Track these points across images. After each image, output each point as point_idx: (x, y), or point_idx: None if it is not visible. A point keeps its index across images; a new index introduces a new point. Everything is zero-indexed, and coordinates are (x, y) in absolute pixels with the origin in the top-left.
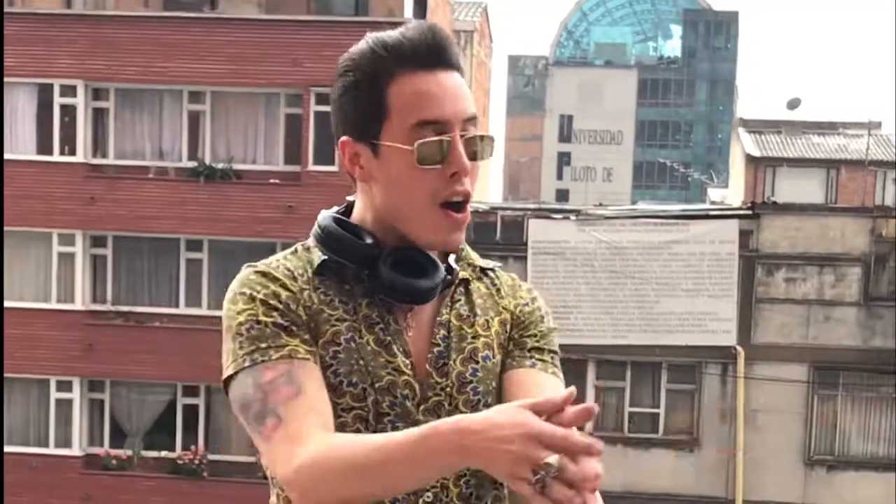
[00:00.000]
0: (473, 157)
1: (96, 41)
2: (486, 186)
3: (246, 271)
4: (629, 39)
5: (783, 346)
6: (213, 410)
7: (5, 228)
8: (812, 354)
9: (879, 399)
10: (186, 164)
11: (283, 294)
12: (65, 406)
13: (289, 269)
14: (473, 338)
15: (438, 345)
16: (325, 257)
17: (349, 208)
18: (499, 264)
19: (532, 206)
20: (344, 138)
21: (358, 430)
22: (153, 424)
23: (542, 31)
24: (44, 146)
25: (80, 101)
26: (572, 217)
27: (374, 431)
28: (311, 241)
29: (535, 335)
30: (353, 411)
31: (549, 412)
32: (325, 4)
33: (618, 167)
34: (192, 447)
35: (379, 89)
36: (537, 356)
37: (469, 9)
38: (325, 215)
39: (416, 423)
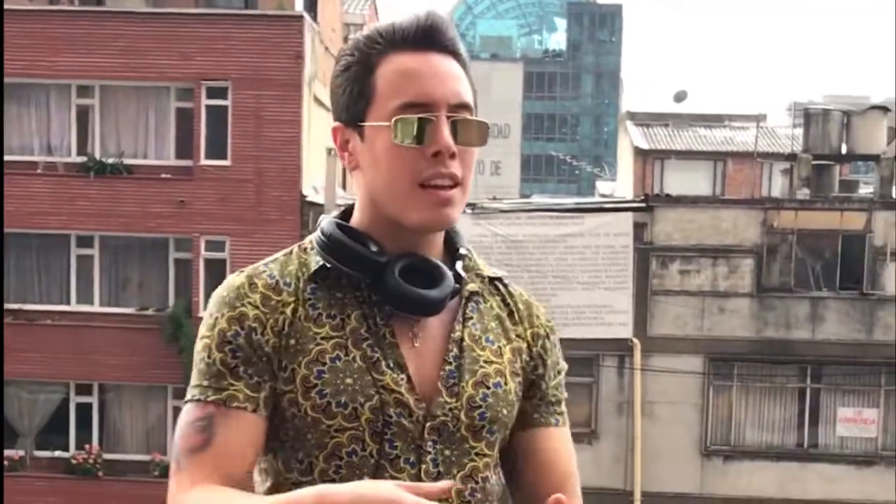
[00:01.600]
0: (464, 141)
1: None
2: None
3: (227, 281)
4: (514, 32)
5: (679, 338)
6: (107, 409)
7: None
8: (707, 346)
9: (773, 389)
10: (76, 159)
11: (251, 315)
12: None
13: (275, 278)
14: (485, 362)
15: (450, 363)
16: (322, 263)
17: (347, 212)
18: (506, 273)
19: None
20: (335, 124)
21: (355, 451)
22: (46, 424)
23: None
24: None
25: None
26: (468, 210)
27: (374, 452)
28: (309, 243)
29: (557, 386)
30: (348, 432)
31: (427, 498)
32: None
33: (506, 160)
34: (87, 446)
35: (367, 71)
36: (558, 410)
37: (358, 2)
38: (329, 221)
39: (418, 441)
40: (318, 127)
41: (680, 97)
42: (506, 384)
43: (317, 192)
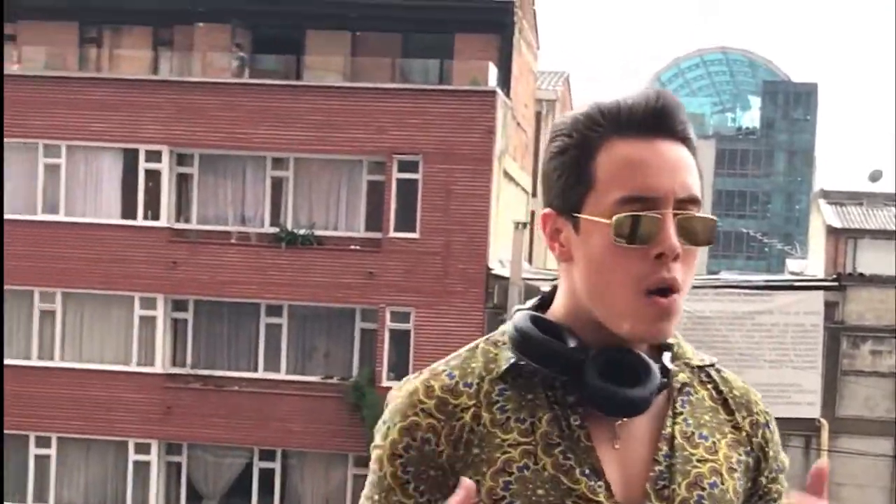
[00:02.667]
0: (689, 240)
1: (182, 107)
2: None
3: (403, 385)
4: (707, 110)
5: (869, 420)
6: (288, 475)
7: (91, 291)
8: None
9: None
10: (268, 229)
11: (424, 424)
12: (142, 468)
13: (454, 379)
14: (699, 461)
15: (660, 463)
16: (514, 359)
17: (546, 300)
18: (715, 359)
19: None
20: (545, 210)
21: None
22: (229, 488)
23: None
24: (128, 210)
25: (164, 166)
26: None
27: None
28: (500, 337)
29: (778, 480)
30: None
31: None
32: (409, 73)
33: None
34: None
35: (585, 156)
36: None
37: (551, 78)
38: (522, 315)
39: None
40: (506, 201)
41: (875, 176)
42: (723, 483)
43: (503, 266)
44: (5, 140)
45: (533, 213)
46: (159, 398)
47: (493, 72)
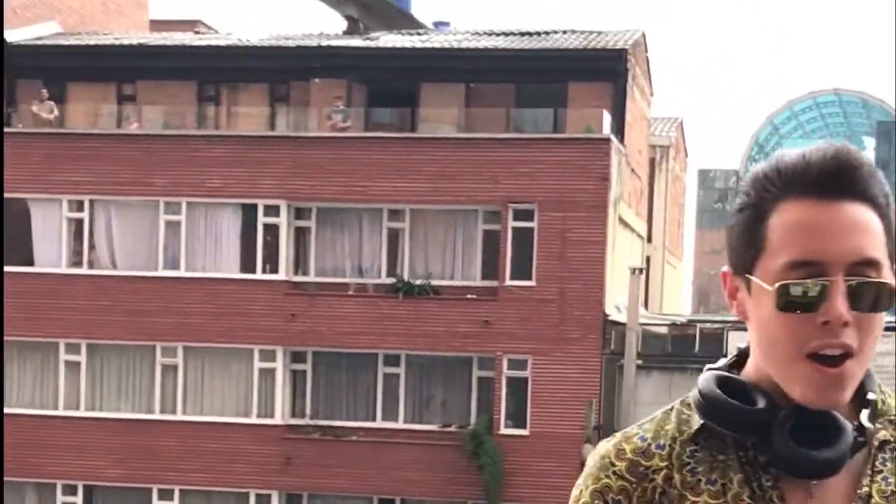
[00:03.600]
0: (862, 306)
1: (299, 162)
2: (678, 299)
3: (597, 448)
4: None
5: None
6: None
7: (212, 345)
8: None
9: None
10: (385, 280)
11: (615, 486)
12: None
13: (646, 441)
14: None
15: None
16: (702, 422)
17: (741, 355)
18: None
19: (732, 318)
20: (725, 269)
21: None
22: None
23: (734, 144)
24: (247, 264)
25: (282, 220)
26: None
27: None
28: (694, 399)
29: None
30: None
31: None
32: (523, 122)
33: None
34: None
35: (759, 217)
36: None
37: (665, 124)
38: (707, 377)
39: None
40: (621, 247)
41: None
42: None
43: (619, 312)
44: (132, 198)
45: (648, 259)
46: (279, 449)
47: (607, 119)
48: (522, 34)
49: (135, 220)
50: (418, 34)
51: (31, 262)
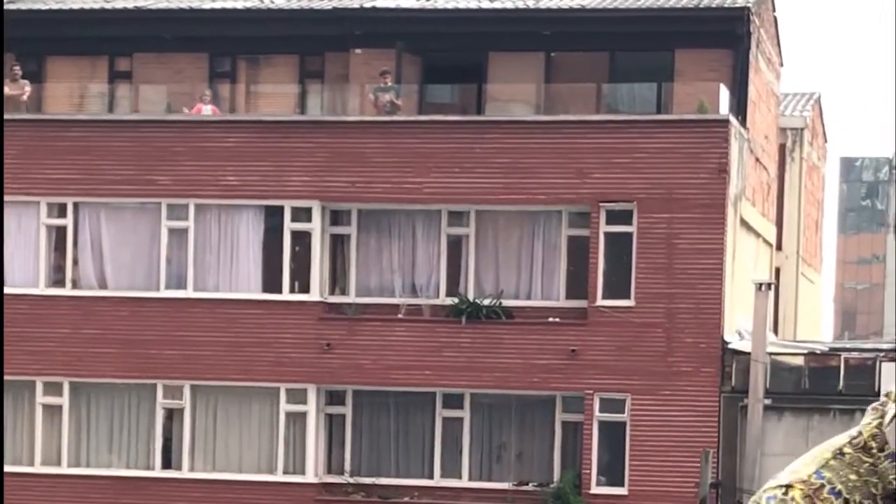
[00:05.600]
0: None
1: (336, 153)
2: (816, 321)
3: (766, 495)
4: None
5: None
6: None
7: (227, 383)
8: None
9: None
10: (444, 300)
11: None
12: None
13: (840, 496)
14: None
15: None
16: None
17: None
18: None
19: (886, 346)
20: None
21: None
22: None
23: (884, 126)
24: (271, 282)
25: (315, 225)
26: None
27: None
28: (870, 441)
29: None
30: None
31: None
32: (618, 100)
33: None
34: None
35: None
36: None
37: (798, 101)
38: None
39: None
40: (744, 256)
41: None
42: None
43: (742, 338)
44: (127, 200)
45: (778, 271)
46: None
47: (724, 95)
48: None
49: (130, 227)
50: None
51: None
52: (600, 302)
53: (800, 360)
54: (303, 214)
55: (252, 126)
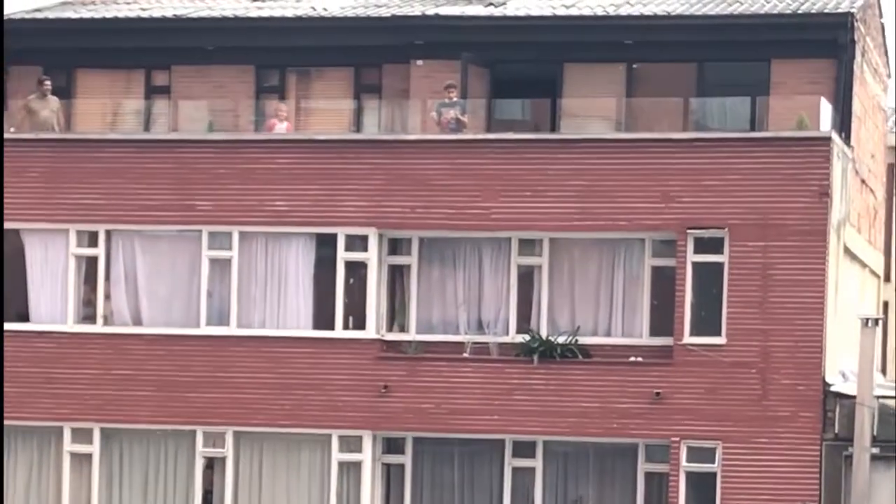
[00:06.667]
0: None
1: (394, 175)
2: None
3: None
4: None
5: None
6: None
7: (273, 430)
8: None
9: None
10: (514, 338)
11: None
12: None
13: None
14: None
15: None
16: None
17: None
18: None
19: None
20: None
21: None
22: None
23: None
24: (322, 318)
25: (371, 255)
26: None
27: None
28: None
29: None
30: None
31: None
32: (707, 116)
33: None
34: None
35: None
36: None
37: None
38: None
39: None
40: (848, 289)
41: None
42: None
43: (846, 379)
44: (164, 228)
45: (886, 305)
46: None
47: (826, 110)
48: None
49: (168, 257)
50: None
51: (24, 317)
52: (687, 339)
53: None
54: (358, 243)
55: (302, 146)
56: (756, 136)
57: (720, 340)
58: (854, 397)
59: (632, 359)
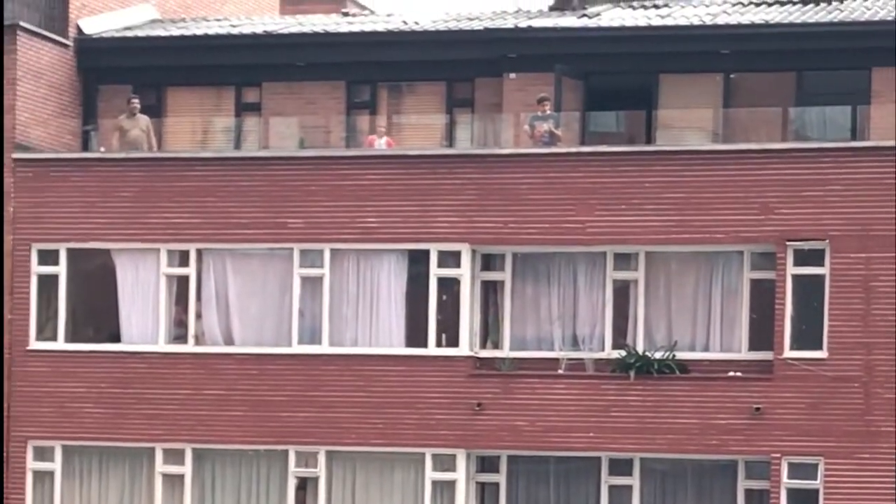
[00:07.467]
0: None
1: (487, 190)
2: None
3: None
4: None
5: None
6: None
7: (366, 448)
8: None
9: None
10: (610, 353)
11: None
12: None
13: None
14: None
15: None
16: None
17: None
18: None
19: None
20: None
21: None
22: None
23: None
24: (415, 335)
25: (464, 271)
26: None
27: None
28: None
29: None
30: None
31: None
32: (807, 126)
33: None
34: None
35: None
36: None
37: None
38: None
39: None
40: None
41: None
42: None
43: None
44: (256, 246)
45: None
46: None
47: None
48: (804, 2)
49: (259, 275)
50: (655, 7)
51: (116, 338)
52: (788, 354)
53: None
54: (451, 259)
55: (394, 161)
56: (856, 146)
57: (822, 354)
58: None
59: (731, 374)
